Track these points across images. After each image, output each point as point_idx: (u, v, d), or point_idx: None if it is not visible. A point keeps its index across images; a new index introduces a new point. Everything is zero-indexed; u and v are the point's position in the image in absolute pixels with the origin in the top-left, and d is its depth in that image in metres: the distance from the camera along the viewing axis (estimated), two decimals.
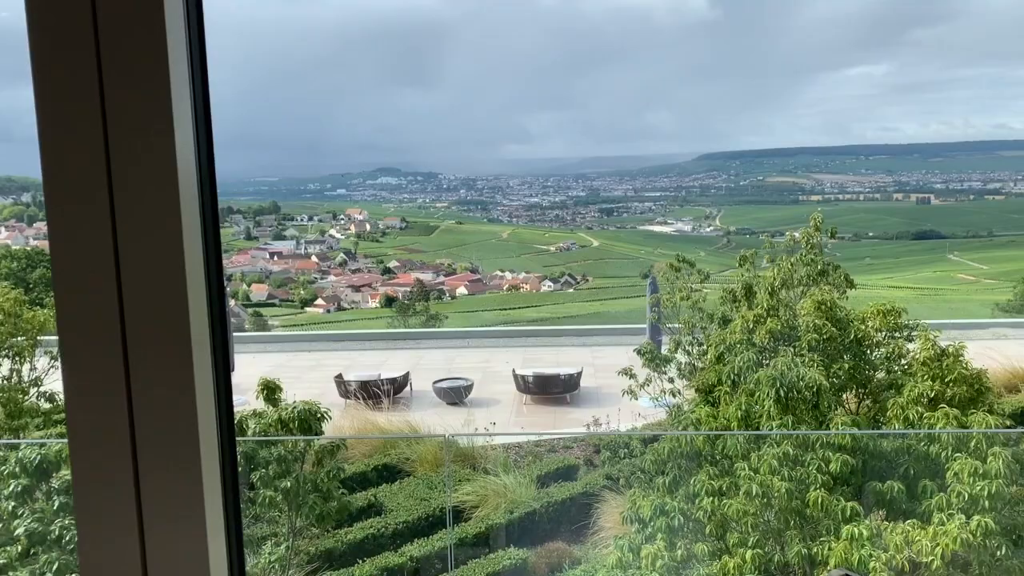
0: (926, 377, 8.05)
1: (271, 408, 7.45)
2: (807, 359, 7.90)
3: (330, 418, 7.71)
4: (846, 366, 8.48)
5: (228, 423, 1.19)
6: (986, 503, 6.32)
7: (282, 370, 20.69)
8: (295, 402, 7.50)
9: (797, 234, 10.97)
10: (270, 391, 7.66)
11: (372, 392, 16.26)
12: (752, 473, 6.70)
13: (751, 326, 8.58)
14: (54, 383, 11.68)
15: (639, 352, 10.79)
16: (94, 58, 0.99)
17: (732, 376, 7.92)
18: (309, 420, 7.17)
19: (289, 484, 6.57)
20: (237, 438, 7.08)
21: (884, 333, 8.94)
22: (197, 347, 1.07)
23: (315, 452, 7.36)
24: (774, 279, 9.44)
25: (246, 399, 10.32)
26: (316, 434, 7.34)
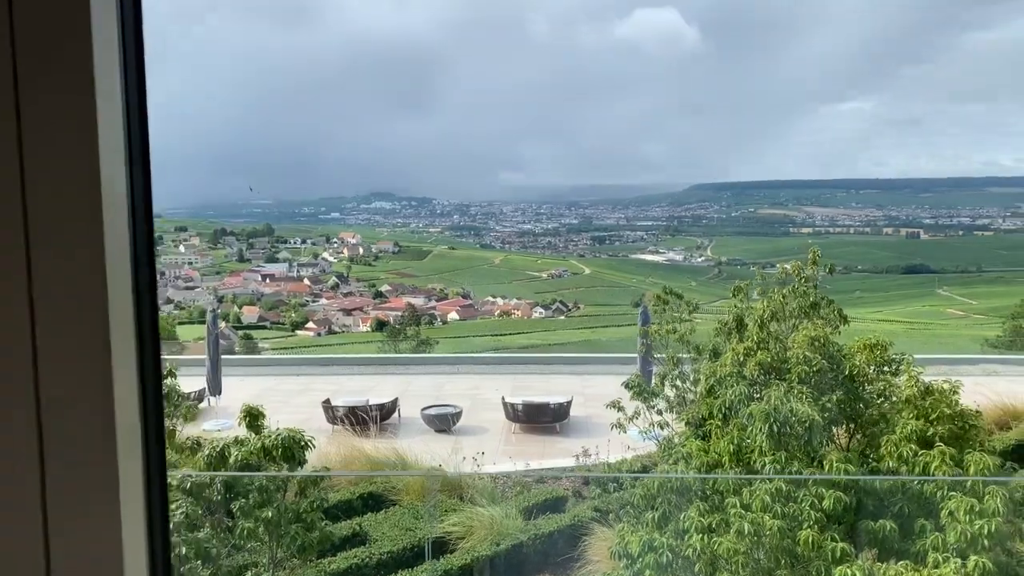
0: (911, 415, 7.93)
1: (254, 435, 7.27)
2: (798, 392, 7.77)
3: (314, 447, 7.52)
4: (835, 399, 8.35)
5: (158, 445, 1.10)
6: (984, 542, 6.18)
7: (269, 394, 20.50)
8: (279, 429, 7.32)
9: (788, 266, 10.87)
10: (253, 418, 7.47)
11: (360, 418, 16.04)
12: (743, 511, 6.54)
13: (741, 359, 8.46)
14: None
15: (627, 386, 10.64)
16: (9, 58, 0.88)
17: (723, 410, 7.79)
18: (292, 448, 6.99)
19: (270, 514, 6.38)
20: (218, 469, 6.92)
21: (874, 368, 8.83)
22: (118, 359, 0.97)
23: (298, 481, 7.17)
24: (764, 311, 9.33)
25: (231, 423, 10.15)
26: (300, 462, 7.15)
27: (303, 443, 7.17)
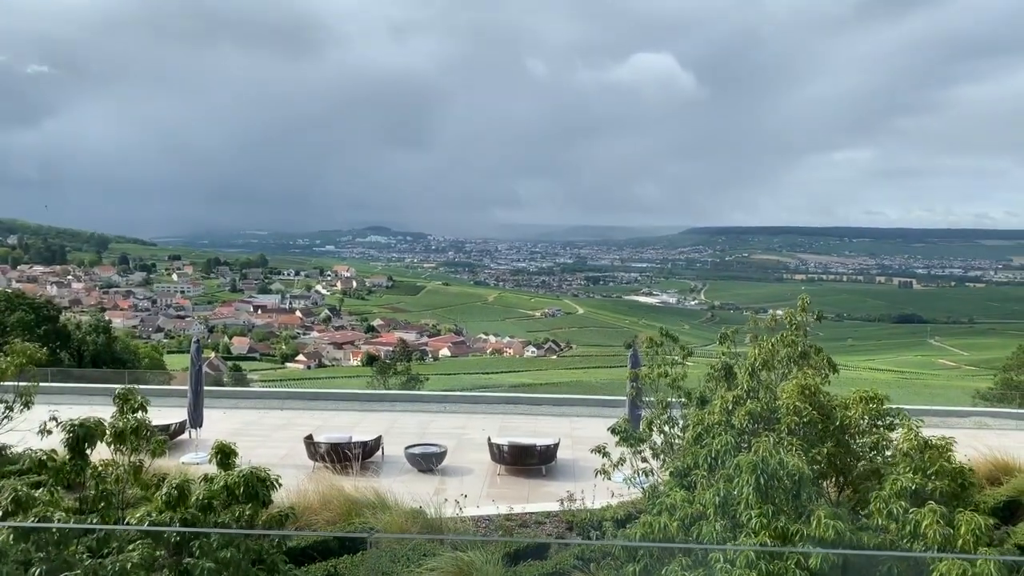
0: (907, 469, 7.70)
1: (223, 472, 7.00)
2: (787, 443, 7.56)
3: (279, 486, 7.23)
4: (826, 452, 8.14)
5: None
6: None
7: (252, 428, 20.18)
8: (243, 468, 7.05)
9: (780, 312, 10.73)
10: (224, 455, 7.20)
11: (342, 455, 15.71)
12: (728, 566, 6.30)
13: (730, 407, 8.25)
14: (6, 433, 11.19)
15: (612, 431, 10.39)
16: None
17: (709, 460, 7.57)
18: (256, 486, 6.71)
19: (230, 555, 6.08)
20: (177, 508, 6.64)
21: (867, 420, 8.63)
22: None
23: (262, 521, 6.88)
24: (755, 360, 9.14)
25: (207, 456, 9.86)
26: (264, 502, 6.87)
27: (267, 482, 6.90)
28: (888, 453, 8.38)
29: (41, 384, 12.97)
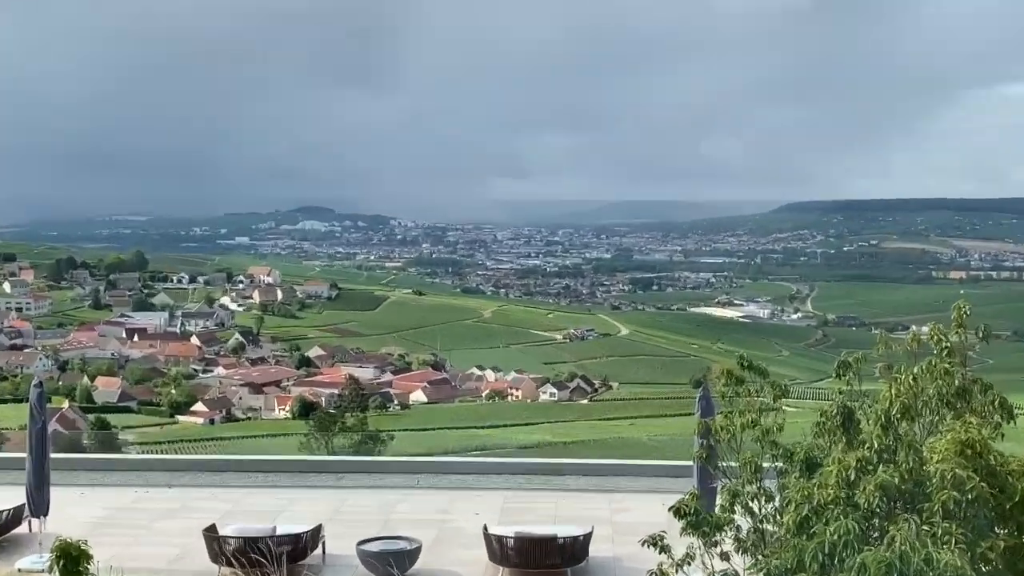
0: None
1: None
2: (942, 533, 7.54)
3: None
4: (1003, 545, 8.10)
5: None
6: None
7: (126, 516, 20.29)
8: None
9: (925, 329, 10.72)
10: (70, 559, 7.19)
11: (262, 555, 15.75)
12: None
13: (852, 476, 8.24)
14: None
15: (677, 512, 10.40)
16: None
17: (821, 557, 7.56)
18: None
19: None
20: None
21: None
22: None
23: None
24: (890, 402, 9.14)
25: (48, 559, 9.85)
26: None
27: None
28: None
29: None
